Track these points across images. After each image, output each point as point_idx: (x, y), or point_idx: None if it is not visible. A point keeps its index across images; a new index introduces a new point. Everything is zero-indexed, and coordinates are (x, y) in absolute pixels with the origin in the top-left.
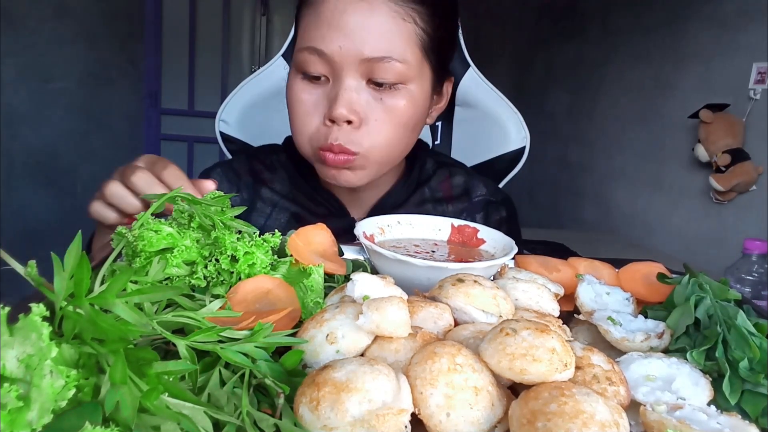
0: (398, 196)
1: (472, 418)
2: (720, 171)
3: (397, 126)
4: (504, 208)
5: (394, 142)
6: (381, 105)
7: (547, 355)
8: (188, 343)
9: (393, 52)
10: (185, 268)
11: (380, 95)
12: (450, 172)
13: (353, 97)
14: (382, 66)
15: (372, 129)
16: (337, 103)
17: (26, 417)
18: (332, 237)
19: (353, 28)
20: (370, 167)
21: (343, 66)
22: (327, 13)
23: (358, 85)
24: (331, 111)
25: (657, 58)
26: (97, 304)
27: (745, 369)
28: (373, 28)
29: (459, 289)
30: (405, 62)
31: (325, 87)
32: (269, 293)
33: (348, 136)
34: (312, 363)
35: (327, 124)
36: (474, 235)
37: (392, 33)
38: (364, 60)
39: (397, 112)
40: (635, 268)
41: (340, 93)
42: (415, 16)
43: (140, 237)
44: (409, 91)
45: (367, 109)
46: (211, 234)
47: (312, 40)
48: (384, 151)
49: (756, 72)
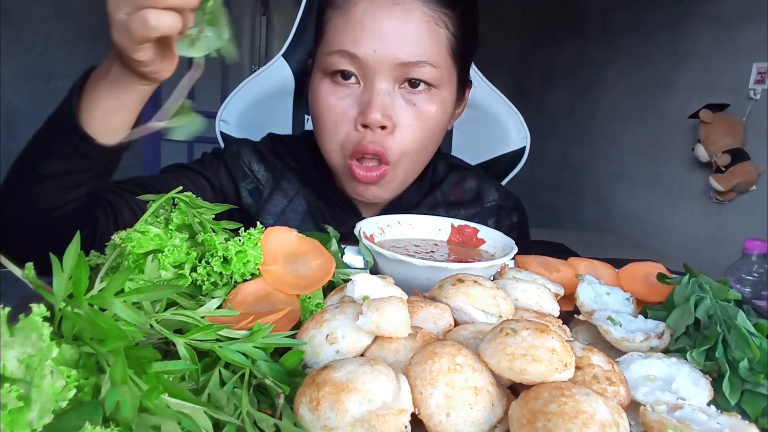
0: (411, 198)
1: (472, 418)
2: (720, 171)
3: (427, 131)
4: (515, 213)
5: (422, 148)
6: (413, 110)
7: (547, 355)
8: (187, 341)
9: (428, 57)
10: (173, 270)
11: (413, 100)
12: (462, 176)
13: (387, 101)
14: (417, 70)
15: (405, 135)
16: (372, 108)
17: (27, 417)
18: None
19: (388, 32)
20: (398, 179)
21: (376, 70)
22: (359, 17)
23: (390, 90)
24: (365, 116)
25: (657, 58)
26: (96, 304)
27: (745, 369)
28: (409, 32)
29: (459, 289)
30: (438, 67)
31: (354, 90)
32: (269, 295)
33: (382, 141)
34: (312, 363)
35: (359, 129)
36: (474, 236)
37: (427, 37)
38: (399, 64)
39: (428, 116)
40: (635, 268)
41: (373, 97)
42: (447, 21)
43: (128, 239)
44: (440, 96)
45: (400, 114)
46: (198, 237)
47: (344, 43)
48: (413, 158)
49: (756, 72)
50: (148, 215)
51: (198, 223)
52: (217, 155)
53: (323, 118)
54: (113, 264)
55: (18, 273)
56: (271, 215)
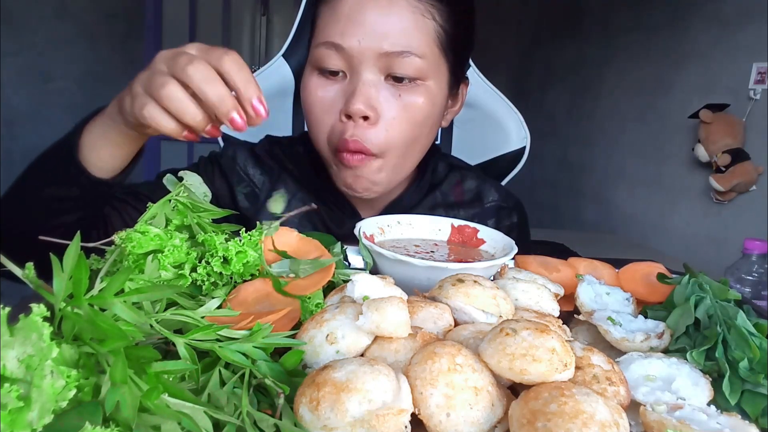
0: (410, 199)
1: (472, 418)
2: (720, 171)
3: (414, 124)
4: (516, 213)
5: (411, 141)
6: (399, 102)
7: (547, 355)
8: (187, 341)
9: (412, 47)
10: (173, 270)
11: (399, 91)
12: (461, 176)
13: (371, 92)
14: (401, 61)
15: (389, 126)
16: (354, 98)
17: (27, 417)
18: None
19: (373, 22)
20: (387, 172)
21: (361, 60)
22: (345, 9)
23: (376, 81)
24: (347, 106)
25: (657, 58)
26: (96, 304)
27: (745, 369)
28: (393, 22)
29: (459, 289)
30: (424, 57)
31: (342, 83)
32: (269, 295)
33: (364, 132)
34: (312, 363)
35: (343, 120)
36: (474, 236)
37: (412, 28)
38: (383, 54)
39: (415, 109)
40: (635, 268)
41: (357, 88)
42: (434, 13)
43: (128, 239)
44: (428, 88)
45: (384, 105)
46: (198, 237)
47: (330, 35)
48: (401, 151)
49: (756, 72)
50: (147, 218)
51: (197, 224)
52: (213, 160)
53: (311, 110)
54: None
55: (18, 273)
56: (268, 218)
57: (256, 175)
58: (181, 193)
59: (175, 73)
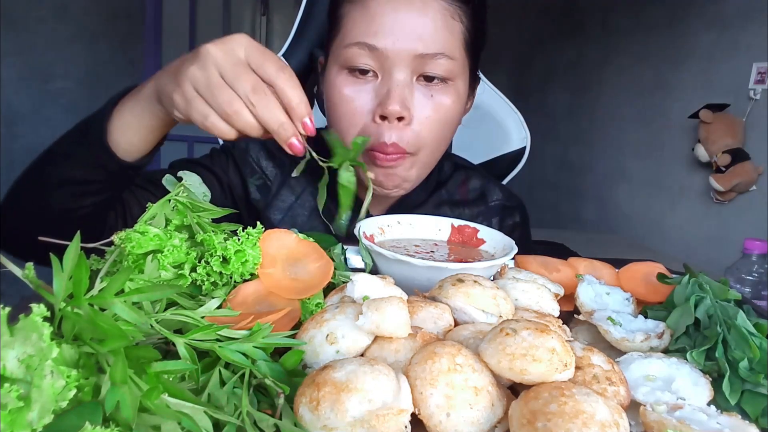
0: (417, 197)
1: (472, 418)
2: (720, 171)
3: (444, 123)
4: (518, 213)
5: (440, 139)
6: (431, 102)
7: (547, 355)
8: (187, 341)
9: (445, 49)
10: (172, 270)
11: (430, 92)
12: (467, 175)
13: (405, 93)
14: (435, 62)
15: (422, 126)
16: (390, 99)
17: (27, 417)
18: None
19: (407, 24)
20: (417, 170)
21: (395, 62)
22: (378, 9)
23: (408, 81)
24: (384, 107)
25: (657, 58)
26: (96, 304)
27: (745, 369)
28: (427, 24)
29: (459, 289)
30: (454, 59)
31: (373, 83)
32: (269, 295)
33: (400, 133)
34: (312, 363)
35: (377, 121)
36: (474, 236)
37: (444, 30)
38: (417, 56)
39: (445, 109)
40: (635, 268)
41: (392, 89)
42: (461, 15)
43: (128, 239)
44: (456, 88)
45: (417, 105)
46: (197, 237)
47: (362, 35)
48: (431, 149)
49: (756, 72)
50: (146, 218)
51: (197, 223)
52: (226, 151)
53: (340, 109)
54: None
55: (18, 273)
56: (279, 211)
57: (268, 167)
58: (180, 193)
59: (237, 93)
